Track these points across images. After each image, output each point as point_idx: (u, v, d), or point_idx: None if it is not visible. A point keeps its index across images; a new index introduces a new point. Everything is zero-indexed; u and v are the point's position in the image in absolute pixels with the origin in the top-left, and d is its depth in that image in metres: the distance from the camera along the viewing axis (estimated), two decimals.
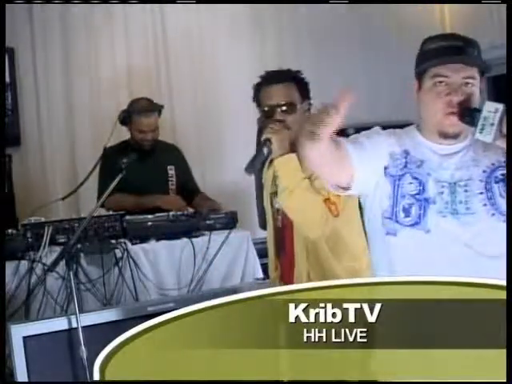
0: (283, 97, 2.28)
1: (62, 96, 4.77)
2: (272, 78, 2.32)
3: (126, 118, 3.75)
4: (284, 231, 2.36)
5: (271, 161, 2.34)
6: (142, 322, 2.51)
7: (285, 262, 2.38)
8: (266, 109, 2.29)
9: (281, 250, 2.40)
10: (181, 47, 5.10)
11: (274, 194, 2.35)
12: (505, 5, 3.75)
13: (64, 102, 4.77)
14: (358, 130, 5.74)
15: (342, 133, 5.57)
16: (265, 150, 2.19)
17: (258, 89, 2.36)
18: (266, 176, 2.42)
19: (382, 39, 5.21)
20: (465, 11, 4.83)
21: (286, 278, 2.37)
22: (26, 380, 2.52)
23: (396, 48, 5.15)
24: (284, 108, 2.26)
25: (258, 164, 2.20)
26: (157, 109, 3.77)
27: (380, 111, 5.22)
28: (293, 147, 2.15)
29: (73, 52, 4.78)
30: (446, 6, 4.99)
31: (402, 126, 5.86)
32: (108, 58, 4.92)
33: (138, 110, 3.71)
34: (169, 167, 3.83)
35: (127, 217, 3.27)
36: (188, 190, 3.90)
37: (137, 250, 3.16)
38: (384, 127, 4.91)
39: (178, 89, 5.03)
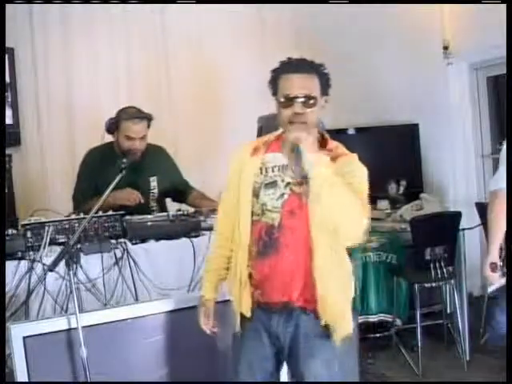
0: (306, 88, 2.16)
1: (62, 96, 4.77)
2: (296, 66, 2.20)
3: (112, 125, 3.64)
4: (285, 232, 2.20)
5: (256, 148, 2.29)
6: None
7: (275, 268, 2.21)
8: (284, 99, 2.17)
9: (269, 253, 2.22)
10: (181, 47, 5.10)
11: (265, 184, 2.24)
12: (505, 5, 3.76)
13: (64, 102, 4.78)
14: (358, 129, 5.80)
15: (343, 132, 5.57)
16: (295, 151, 2.11)
17: (277, 76, 2.23)
18: (245, 164, 2.28)
19: (382, 39, 5.22)
20: (465, 11, 4.82)
21: (272, 286, 2.22)
22: (26, 380, 2.52)
23: (396, 48, 5.15)
24: (304, 100, 2.15)
25: (300, 166, 2.12)
26: (145, 117, 3.65)
27: (380, 112, 5.23)
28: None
29: (73, 52, 4.78)
30: (446, 6, 4.98)
31: (402, 127, 5.90)
32: (108, 58, 4.92)
33: (127, 117, 3.61)
34: (151, 179, 3.77)
35: (127, 217, 3.27)
36: (178, 189, 3.88)
37: (137, 249, 3.16)
38: (383, 128, 4.94)
39: (178, 89, 5.04)
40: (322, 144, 2.24)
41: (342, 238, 2.16)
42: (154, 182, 3.78)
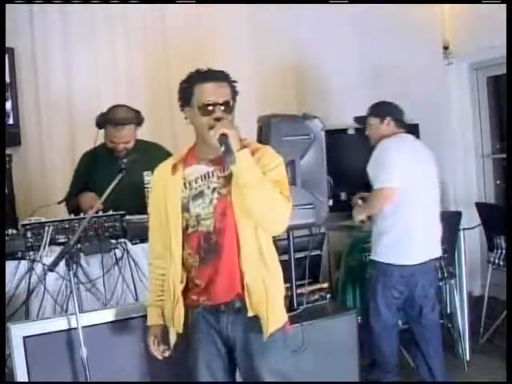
0: (223, 95, 2.31)
1: (62, 96, 4.77)
2: (209, 75, 2.34)
3: (99, 124, 3.64)
4: (220, 234, 2.29)
5: (174, 166, 2.39)
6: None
7: (220, 270, 2.30)
8: (204, 105, 2.28)
9: (210, 257, 2.31)
10: (181, 47, 5.10)
11: (192, 197, 2.33)
12: (505, 5, 3.76)
13: (64, 102, 4.77)
14: (358, 130, 5.79)
15: (343, 132, 5.58)
16: (223, 146, 2.19)
17: (191, 86, 2.34)
18: (167, 184, 2.38)
19: (382, 39, 5.21)
20: (465, 11, 4.82)
21: (218, 289, 2.30)
22: (26, 380, 2.52)
23: (396, 48, 5.15)
24: (223, 107, 2.29)
25: (232, 153, 2.19)
26: (133, 121, 3.62)
27: None
28: None
29: (73, 52, 4.77)
30: (446, 6, 4.98)
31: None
32: (108, 58, 4.92)
33: (111, 121, 3.58)
34: (145, 173, 3.75)
35: (127, 217, 3.27)
36: None
37: (137, 250, 3.16)
38: None
39: (177, 89, 5.03)
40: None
41: (266, 231, 2.30)
42: (148, 177, 3.75)
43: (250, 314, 2.28)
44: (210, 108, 2.28)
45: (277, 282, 2.39)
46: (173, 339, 2.43)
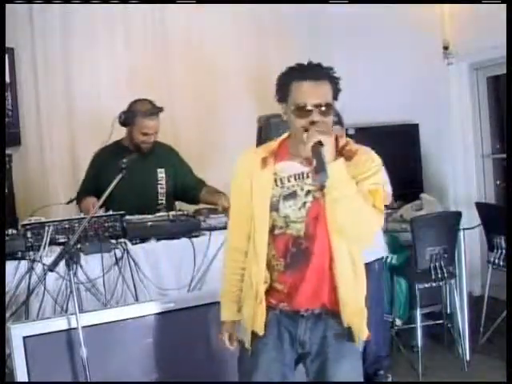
0: (321, 96, 2.08)
1: (62, 96, 4.77)
2: (308, 72, 2.10)
3: (127, 119, 3.67)
4: (312, 240, 2.15)
5: (264, 159, 2.19)
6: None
7: (306, 277, 2.16)
8: (299, 108, 2.08)
9: (298, 263, 2.16)
10: (181, 47, 5.10)
11: (284, 196, 2.16)
12: (505, 5, 3.76)
13: (64, 102, 4.77)
14: (358, 129, 5.78)
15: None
16: (315, 158, 2.00)
17: (288, 83, 2.13)
18: (256, 177, 2.19)
19: (382, 40, 5.22)
20: (465, 11, 4.82)
21: (302, 296, 2.17)
22: (26, 380, 2.52)
23: (396, 48, 5.15)
24: (323, 109, 2.08)
25: (325, 171, 1.98)
26: (160, 112, 3.71)
27: (380, 112, 5.23)
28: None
29: (73, 52, 4.77)
30: (446, 6, 4.98)
31: (402, 127, 5.89)
32: (108, 58, 4.92)
33: (144, 112, 3.64)
34: (159, 170, 3.79)
35: (127, 217, 3.27)
36: (190, 186, 3.87)
37: (137, 249, 3.16)
38: (384, 128, 4.96)
39: (178, 88, 5.04)
40: (335, 144, 2.15)
41: (356, 243, 2.17)
42: (161, 174, 3.79)
43: (345, 325, 2.16)
44: (305, 110, 2.07)
45: (363, 289, 2.24)
46: (248, 339, 2.23)
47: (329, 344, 2.19)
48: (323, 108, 2.08)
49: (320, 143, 2.01)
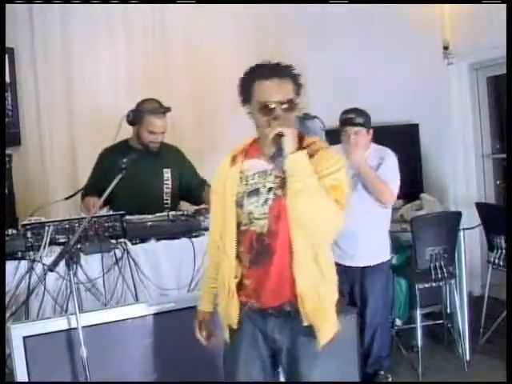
0: (284, 93, 2.15)
1: (62, 96, 4.77)
2: (270, 71, 2.17)
3: (135, 118, 3.69)
4: (273, 237, 2.19)
5: (234, 157, 2.29)
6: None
7: (270, 274, 2.20)
8: (263, 106, 2.15)
9: (262, 260, 2.21)
10: (181, 47, 5.10)
11: (247, 193, 2.23)
12: (505, 5, 3.76)
13: (64, 102, 4.78)
14: None
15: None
16: (278, 143, 2.08)
17: (250, 82, 2.21)
18: (226, 175, 2.27)
19: (382, 39, 5.21)
20: (465, 11, 4.83)
21: (267, 292, 2.21)
22: (26, 380, 2.52)
23: (396, 48, 5.15)
24: (286, 105, 2.15)
25: (283, 157, 2.08)
26: (167, 111, 3.74)
27: (380, 112, 5.23)
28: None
29: (72, 52, 4.77)
30: (446, 6, 4.98)
31: (402, 127, 5.88)
32: (108, 58, 4.92)
33: (151, 111, 3.67)
34: (165, 170, 3.81)
35: (127, 217, 3.27)
36: (194, 187, 3.89)
37: (137, 249, 3.16)
38: (383, 128, 4.95)
39: (177, 87, 5.03)
40: (299, 141, 2.21)
41: (317, 238, 2.18)
42: (167, 174, 3.81)
43: (305, 323, 2.18)
44: (269, 108, 2.15)
45: (331, 289, 2.26)
46: (226, 334, 2.31)
47: (299, 342, 2.22)
48: (286, 105, 2.15)
49: (280, 134, 2.09)
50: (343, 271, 3.40)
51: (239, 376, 2.29)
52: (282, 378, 2.45)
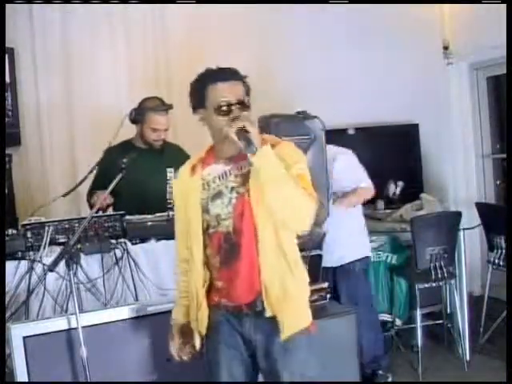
0: (238, 94, 2.25)
1: (62, 96, 4.77)
2: (223, 74, 2.30)
3: (138, 116, 3.71)
4: (239, 234, 2.24)
5: (193, 167, 2.35)
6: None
7: (240, 271, 2.25)
8: (220, 106, 2.23)
9: (231, 258, 2.25)
10: (181, 47, 5.10)
11: (211, 197, 2.28)
12: (505, 5, 3.76)
13: (64, 102, 4.77)
14: (358, 129, 5.78)
15: (343, 133, 5.55)
16: (244, 135, 2.14)
17: (204, 86, 2.31)
18: (187, 185, 2.34)
19: (381, 39, 5.21)
20: (465, 11, 4.83)
21: (238, 290, 2.25)
22: (26, 380, 2.52)
23: (396, 48, 5.15)
24: (239, 106, 2.23)
25: (253, 144, 2.14)
26: (169, 108, 3.76)
27: (380, 112, 5.23)
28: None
29: (72, 52, 4.77)
30: (446, 6, 4.98)
31: (402, 127, 5.87)
32: (108, 58, 4.92)
33: (153, 109, 3.69)
34: (168, 170, 3.81)
35: (127, 217, 3.27)
36: None
37: (137, 249, 3.16)
38: (383, 128, 4.94)
39: (177, 89, 5.03)
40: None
41: (288, 229, 2.23)
42: (170, 174, 3.81)
43: (268, 314, 2.23)
44: (226, 108, 2.23)
45: (300, 284, 2.31)
46: (197, 342, 2.37)
47: (274, 342, 2.26)
48: (240, 105, 2.23)
49: (245, 130, 2.13)
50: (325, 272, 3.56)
51: (223, 377, 2.33)
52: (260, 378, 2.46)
